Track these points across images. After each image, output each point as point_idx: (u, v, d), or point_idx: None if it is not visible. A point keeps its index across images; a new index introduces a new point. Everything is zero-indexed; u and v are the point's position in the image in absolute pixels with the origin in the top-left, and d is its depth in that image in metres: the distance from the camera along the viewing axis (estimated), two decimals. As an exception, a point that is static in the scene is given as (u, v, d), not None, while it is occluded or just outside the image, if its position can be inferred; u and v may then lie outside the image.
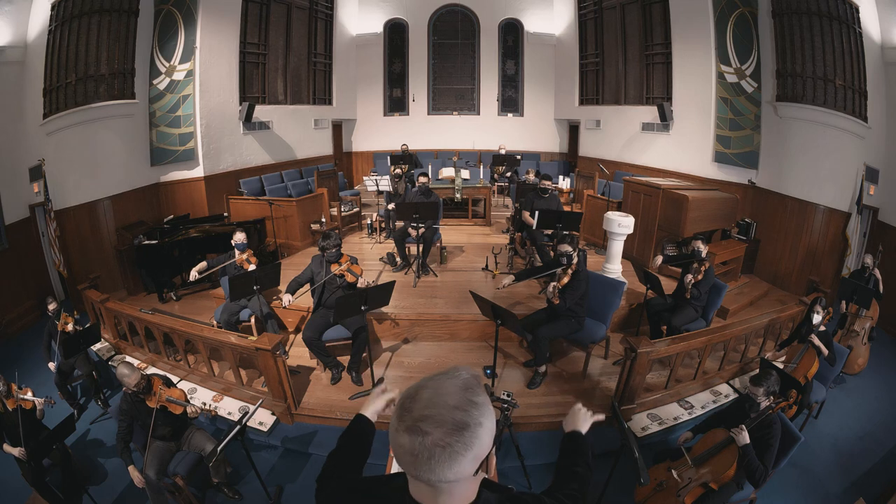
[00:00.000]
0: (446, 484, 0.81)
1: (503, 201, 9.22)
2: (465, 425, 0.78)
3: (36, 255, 5.66)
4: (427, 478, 0.79)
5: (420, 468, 0.79)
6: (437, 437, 0.77)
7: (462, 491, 0.86)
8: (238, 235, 4.53)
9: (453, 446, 0.77)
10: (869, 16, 5.27)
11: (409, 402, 0.81)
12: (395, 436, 0.81)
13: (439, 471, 0.78)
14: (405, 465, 0.81)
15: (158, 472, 2.88)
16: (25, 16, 5.16)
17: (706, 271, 4.29)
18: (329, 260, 4.05)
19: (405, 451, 0.79)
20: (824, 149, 5.90)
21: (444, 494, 0.84)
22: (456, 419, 0.78)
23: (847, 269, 5.71)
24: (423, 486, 0.84)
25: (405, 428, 0.79)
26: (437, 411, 0.78)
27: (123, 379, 2.87)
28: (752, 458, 2.54)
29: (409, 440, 0.78)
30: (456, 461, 0.78)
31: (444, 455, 0.77)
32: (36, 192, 5.49)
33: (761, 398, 2.70)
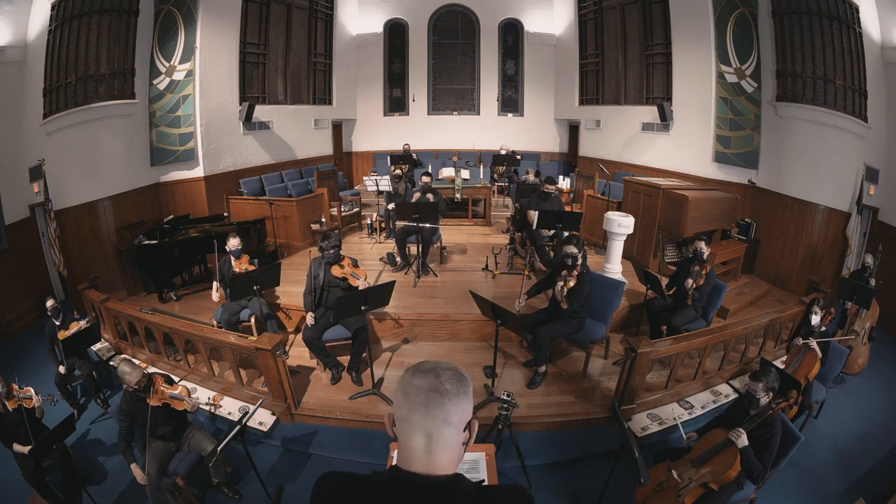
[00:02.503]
0: (447, 428, 0.93)
1: (503, 201, 9.22)
2: (464, 378, 0.98)
3: (36, 255, 5.66)
4: (435, 414, 0.92)
5: (432, 403, 0.92)
6: (448, 376, 0.95)
7: (453, 446, 0.96)
8: (232, 241, 4.43)
9: (460, 386, 0.95)
10: (869, 16, 5.27)
11: (419, 364, 0.99)
12: (411, 381, 0.95)
13: (449, 406, 0.93)
14: (417, 405, 0.93)
15: (158, 472, 2.88)
16: (25, 16, 5.16)
17: (707, 274, 4.27)
18: (328, 261, 4.03)
19: (422, 389, 0.93)
20: (824, 149, 5.90)
21: (440, 445, 0.93)
22: (457, 372, 0.97)
23: (847, 269, 5.71)
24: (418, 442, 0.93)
25: (422, 373, 0.96)
26: (443, 365, 0.98)
27: (124, 377, 2.86)
28: (752, 458, 2.54)
29: (425, 380, 0.94)
30: (460, 399, 0.94)
31: (453, 391, 0.94)
32: (36, 192, 5.49)
33: (760, 394, 2.70)
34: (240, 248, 4.48)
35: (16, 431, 2.95)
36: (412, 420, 0.93)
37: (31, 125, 5.39)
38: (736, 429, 2.57)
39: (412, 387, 0.95)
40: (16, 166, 5.29)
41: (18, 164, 5.32)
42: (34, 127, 5.41)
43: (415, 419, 0.93)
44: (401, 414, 0.96)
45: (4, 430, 2.95)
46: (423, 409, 0.92)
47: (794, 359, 3.64)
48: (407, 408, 0.94)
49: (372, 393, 3.96)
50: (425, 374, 0.95)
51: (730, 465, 2.52)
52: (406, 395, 0.95)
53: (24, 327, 5.41)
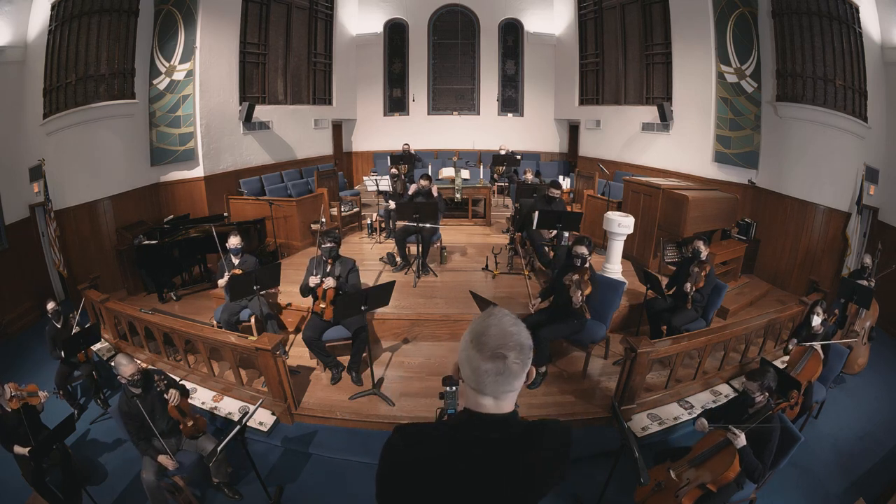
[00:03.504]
0: (513, 392, 1.07)
1: (503, 201, 9.22)
2: (525, 345, 1.04)
3: (36, 255, 5.65)
4: (503, 390, 1.04)
5: (501, 384, 1.03)
6: (513, 358, 1.02)
7: (515, 396, 1.10)
8: (233, 239, 4.45)
9: (524, 362, 1.04)
10: (869, 16, 5.27)
11: (483, 337, 1.03)
12: (479, 364, 1.02)
13: (514, 382, 1.05)
14: (486, 385, 1.03)
15: (158, 472, 2.88)
16: (25, 16, 5.16)
17: (707, 275, 4.26)
18: (324, 255, 4.05)
19: (490, 373, 1.02)
20: (824, 149, 5.90)
21: (508, 400, 1.08)
22: (519, 342, 1.03)
23: (847, 268, 5.71)
24: (488, 400, 1.06)
25: (488, 357, 1.01)
26: (507, 339, 1.02)
27: (119, 368, 2.88)
28: (751, 458, 2.54)
29: (493, 365, 1.01)
30: (523, 373, 1.05)
31: (518, 369, 1.03)
32: (36, 192, 5.49)
33: (756, 393, 2.69)
34: (240, 246, 4.49)
35: (15, 432, 2.95)
36: (482, 391, 1.06)
37: (31, 125, 5.39)
38: (733, 430, 2.56)
39: (482, 371, 1.02)
40: (16, 166, 5.29)
41: (18, 164, 5.31)
42: (34, 127, 5.41)
43: (485, 391, 1.05)
44: (470, 384, 1.07)
45: (4, 431, 2.95)
46: (492, 388, 1.04)
47: (799, 362, 3.62)
48: (476, 383, 1.05)
49: (372, 393, 3.96)
50: (493, 359, 1.01)
51: (728, 467, 2.52)
52: (475, 374, 1.04)
53: (24, 327, 5.40)
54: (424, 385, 4.10)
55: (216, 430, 3.75)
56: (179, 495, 2.96)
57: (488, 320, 1.05)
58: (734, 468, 2.52)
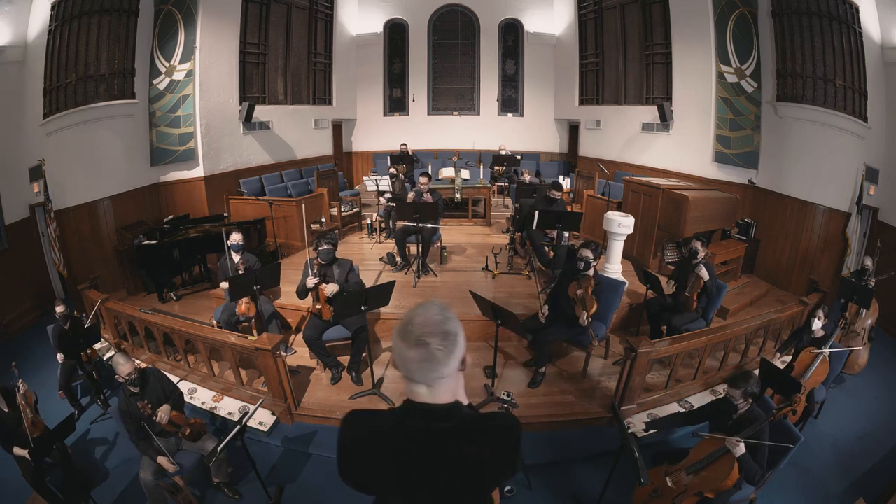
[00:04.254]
0: (444, 379, 1.09)
1: (503, 201, 9.22)
2: (449, 332, 1.08)
3: (36, 255, 5.65)
4: (431, 377, 1.08)
5: (427, 371, 1.07)
6: (436, 345, 1.05)
7: (450, 384, 1.13)
8: (234, 236, 4.44)
9: (449, 347, 1.07)
10: (869, 16, 5.27)
11: (409, 326, 1.08)
12: (404, 352, 1.07)
13: (441, 369, 1.07)
14: (414, 372, 1.08)
15: (156, 472, 2.88)
16: (25, 16, 5.16)
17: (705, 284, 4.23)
18: (321, 260, 4.02)
19: (415, 360, 1.06)
20: (824, 149, 5.90)
21: (441, 389, 1.11)
22: (444, 329, 1.07)
23: (847, 269, 5.71)
24: (421, 388, 1.11)
25: (411, 345, 1.06)
26: (430, 328, 1.06)
27: (117, 367, 2.90)
28: (750, 464, 2.51)
29: (416, 352, 1.06)
30: (449, 359, 1.08)
31: (442, 355, 1.06)
32: (36, 192, 5.49)
33: (739, 400, 2.65)
34: (241, 243, 4.48)
35: (15, 433, 2.95)
36: (413, 379, 1.10)
37: (31, 125, 5.39)
38: (731, 439, 2.51)
39: (407, 358, 1.07)
40: (16, 166, 5.29)
41: (18, 164, 5.31)
42: (34, 127, 5.41)
43: (415, 378, 1.10)
44: (403, 372, 1.11)
45: (4, 431, 2.95)
46: (420, 374, 1.08)
47: (806, 369, 3.60)
48: (406, 371, 1.10)
49: (372, 393, 3.96)
50: (416, 346, 1.05)
51: (726, 475, 2.49)
52: (403, 363, 1.09)
53: (24, 327, 5.41)
54: (424, 385, 4.09)
55: (216, 430, 3.75)
56: (179, 495, 2.96)
57: (415, 310, 1.10)
58: (733, 476, 2.49)
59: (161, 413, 2.94)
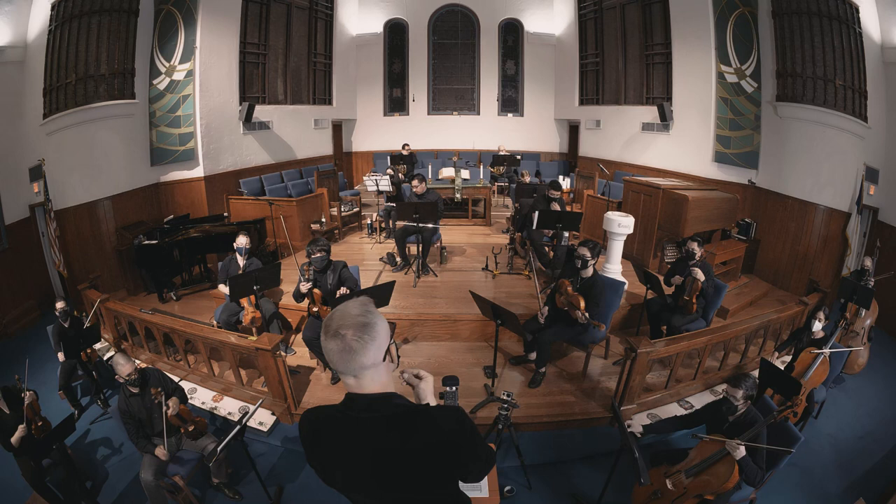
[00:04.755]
0: (365, 370, 1.15)
1: (503, 201, 9.22)
2: (366, 324, 1.13)
3: (36, 255, 5.65)
4: (352, 367, 1.14)
5: (347, 361, 1.13)
6: (351, 336, 1.11)
7: (377, 377, 1.19)
8: (241, 239, 4.45)
9: (362, 339, 1.12)
10: (869, 16, 5.27)
11: (328, 321, 1.15)
12: (325, 345, 1.14)
13: (359, 358, 1.13)
14: (336, 363, 1.15)
15: (157, 472, 2.88)
16: (25, 16, 5.16)
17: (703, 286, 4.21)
18: (315, 267, 3.99)
19: (334, 352, 1.13)
20: (824, 149, 5.90)
21: (367, 380, 1.17)
22: (360, 322, 1.13)
23: (847, 268, 5.71)
24: (349, 379, 1.18)
25: (330, 336, 1.13)
26: (346, 321, 1.13)
27: (117, 367, 2.91)
28: (750, 466, 2.51)
29: (334, 344, 1.12)
30: (367, 349, 1.13)
31: (358, 346, 1.12)
32: (36, 192, 5.49)
33: (739, 401, 2.64)
34: (248, 247, 4.47)
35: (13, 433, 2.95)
36: (338, 369, 1.17)
37: (31, 125, 5.39)
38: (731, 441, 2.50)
39: (327, 350, 1.15)
40: (16, 166, 5.29)
41: (18, 164, 5.31)
42: (34, 127, 5.41)
43: (339, 370, 1.17)
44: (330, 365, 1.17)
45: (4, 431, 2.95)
46: (342, 365, 1.15)
47: (807, 369, 3.60)
48: (331, 363, 1.17)
49: (372, 393, 3.95)
50: (333, 338, 1.12)
51: (727, 478, 2.48)
52: (327, 354, 1.15)
53: (24, 327, 5.41)
54: (424, 385, 4.09)
55: (216, 430, 3.75)
56: (179, 495, 2.96)
57: (337, 307, 1.18)
58: (733, 478, 2.48)
59: (171, 404, 2.96)
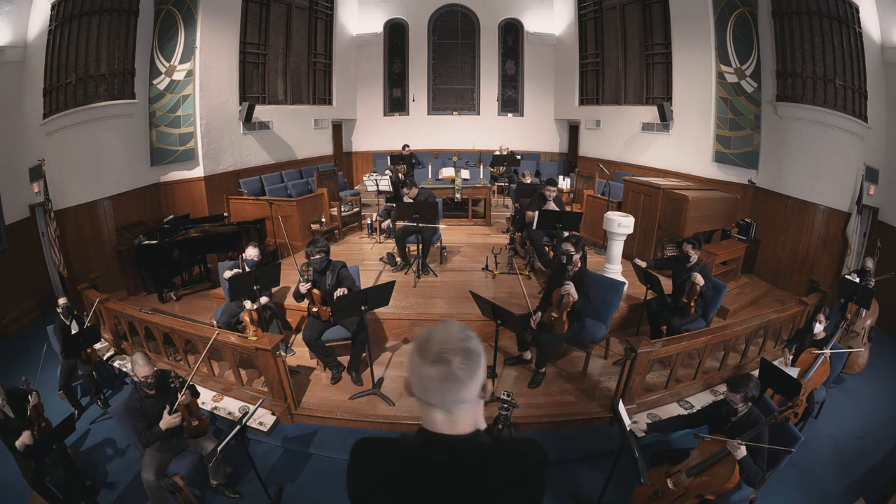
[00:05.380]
0: (462, 405, 0.99)
1: (503, 201, 9.22)
2: (471, 350, 0.98)
3: (36, 255, 5.65)
4: (451, 400, 0.98)
5: (447, 392, 0.97)
6: (458, 363, 0.96)
7: (470, 412, 1.03)
8: (251, 251, 4.42)
9: (469, 367, 0.97)
10: (869, 16, 5.27)
11: (426, 343, 0.99)
12: (422, 370, 0.97)
13: (462, 391, 0.97)
14: (432, 394, 0.98)
15: (158, 472, 2.88)
16: (25, 16, 5.16)
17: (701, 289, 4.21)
18: (315, 268, 4.00)
19: (434, 380, 0.96)
20: (824, 149, 5.90)
21: (460, 414, 1.01)
22: (465, 347, 0.98)
23: (847, 268, 5.71)
24: (438, 414, 1.00)
25: (431, 362, 0.96)
26: (451, 345, 0.97)
27: (135, 366, 2.89)
28: (751, 466, 2.50)
29: (436, 370, 0.96)
30: (472, 381, 0.98)
31: (464, 375, 0.96)
32: (36, 192, 5.49)
33: (739, 404, 2.64)
34: (257, 259, 4.43)
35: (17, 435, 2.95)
36: (430, 401, 1.00)
37: (31, 125, 5.39)
38: (732, 442, 2.50)
39: (424, 376, 0.98)
40: (16, 166, 5.29)
41: (18, 164, 5.31)
42: (34, 127, 5.41)
43: (432, 401, 0.99)
44: (417, 394, 1.01)
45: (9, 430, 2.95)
46: (438, 397, 0.98)
47: (807, 370, 3.60)
48: (423, 393, 1.00)
49: (372, 393, 3.96)
50: (436, 363, 0.97)
51: (727, 478, 2.48)
52: (420, 382, 0.99)
53: (24, 327, 5.40)
54: (424, 385, 4.09)
55: (216, 430, 3.74)
56: (179, 495, 2.96)
57: (435, 328, 1.03)
58: (734, 479, 2.48)
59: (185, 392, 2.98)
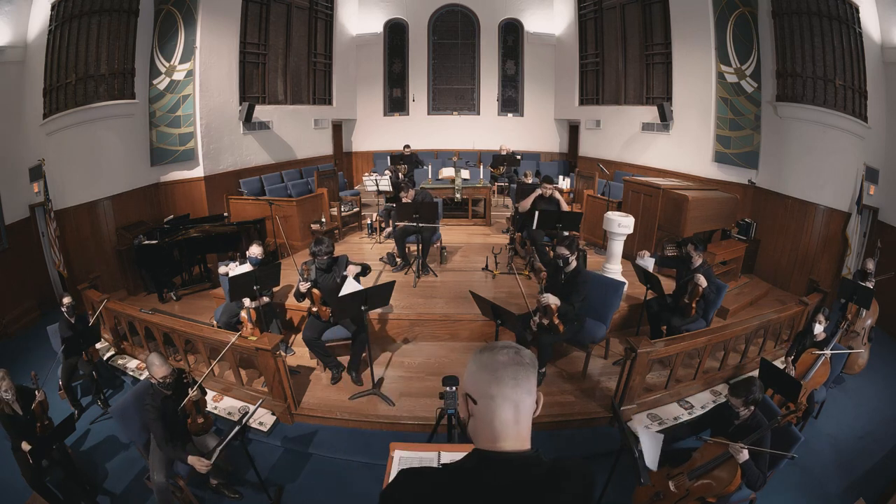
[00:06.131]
0: (530, 398, 1.01)
1: (503, 201, 9.22)
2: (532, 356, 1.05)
3: (36, 255, 5.65)
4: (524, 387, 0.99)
5: (519, 375, 0.99)
6: (525, 354, 1.02)
7: (531, 416, 1.03)
8: (255, 249, 4.46)
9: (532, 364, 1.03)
10: (869, 16, 5.27)
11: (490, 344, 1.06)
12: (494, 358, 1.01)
13: (532, 376, 1.01)
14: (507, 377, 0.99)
15: (167, 473, 2.87)
16: (25, 16, 5.16)
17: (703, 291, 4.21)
18: (320, 267, 4.00)
19: (507, 364, 1.00)
20: (824, 149, 5.90)
21: (526, 415, 1.01)
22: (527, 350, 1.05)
23: (847, 269, 5.71)
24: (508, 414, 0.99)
25: (502, 351, 1.02)
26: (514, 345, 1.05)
27: (151, 368, 2.86)
28: (753, 470, 2.50)
29: (507, 356, 1.01)
30: (534, 373, 1.02)
31: (531, 364, 1.02)
32: (36, 192, 5.49)
33: (741, 409, 2.63)
34: (261, 258, 4.47)
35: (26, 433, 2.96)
36: (503, 393, 0.99)
37: (31, 125, 5.39)
38: (734, 445, 2.50)
39: (497, 363, 1.00)
40: (16, 166, 5.29)
41: (18, 164, 5.31)
42: (34, 127, 5.41)
43: (505, 392, 0.99)
44: (489, 391, 1.00)
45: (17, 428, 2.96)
46: (512, 382, 0.99)
47: (808, 370, 3.59)
48: (496, 383, 0.99)
49: (372, 393, 3.96)
50: (505, 351, 1.02)
51: (729, 481, 2.48)
52: (493, 371, 1.00)
53: (25, 327, 5.40)
54: (424, 385, 4.10)
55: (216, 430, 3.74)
56: (180, 495, 2.96)
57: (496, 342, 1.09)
58: (736, 482, 2.48)
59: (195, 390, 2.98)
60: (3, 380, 2.95)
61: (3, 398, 2.95)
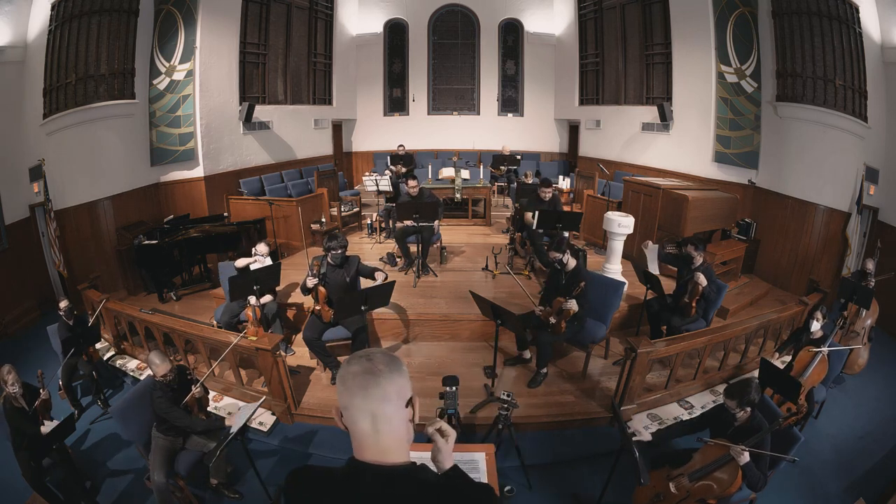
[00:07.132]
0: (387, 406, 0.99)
1: (503, 201, 9.22)
2: (397, 359, 1.04)
3: (36, 255, 5.65)
4: (374, 396, 0.98)
5: (369, 385, 0.98)
6: (379, 361, 1.01)
7: (396, 426, 1.01)
8: (261, 247, 4.52)
9: (392, 365, 1.01)
10: (869, 16, 5.27)
11: (353, 354, 1.06)
12: (347, 369, 1.02)
13: (385, 385, 0.98)
14: (356, 388, 0.99)
15: (167, 472, 2.87)
16: (25, 16, 5.16)
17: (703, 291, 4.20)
18: (332, 262, 4.02)
19: (357, 374, 0.99)
20: (824, 149, 5.90)
21: (384, 423, 0.99)
22: (388, 354, 1.05)
23: (847, 269, 5.71)
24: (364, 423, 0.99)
25: (355, 360, 1.02)
26: (375, 350, 1.05)
27: (152, 366, 2.88)
28: (754, 472, 2.49)
29: (359, 365, 1.00)
30: (396, 378, 1.00)
31: (386, 370, 0.99)
32: (36, 192, 5.49)
33: (737, 411, 2.62)
34: (267, 256, 4.49)
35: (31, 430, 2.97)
36: (354, 404, 0.99)
37: (31, 125, 5.39)
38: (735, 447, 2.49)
39: (348, 374, 1.01)
40: (16, 166, 5.29)
41: (18, 164, 5.31)
42: (34, 127, 5.41)
43: (356, 402, 0.99)
44: (344, 402, 1.01)
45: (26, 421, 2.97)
46: (361, 392, 0.98)
47: (805, 368, 3.59)
48: (348, 394, 1.00)
49: (372, 393, 3.95)
50: (358, 360, 1.02)
51: (730, 483, 2.47)
52: (344, 383, 1.01)
53: (25, 327, 5.40)
54: (424, 385, 4.09)
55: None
56: (180, 495, 2.96)
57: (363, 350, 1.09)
58: (736, 484, 2.47)
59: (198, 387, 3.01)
60: (10, 373, 2.97)
61: (10, 392, 2.96)
